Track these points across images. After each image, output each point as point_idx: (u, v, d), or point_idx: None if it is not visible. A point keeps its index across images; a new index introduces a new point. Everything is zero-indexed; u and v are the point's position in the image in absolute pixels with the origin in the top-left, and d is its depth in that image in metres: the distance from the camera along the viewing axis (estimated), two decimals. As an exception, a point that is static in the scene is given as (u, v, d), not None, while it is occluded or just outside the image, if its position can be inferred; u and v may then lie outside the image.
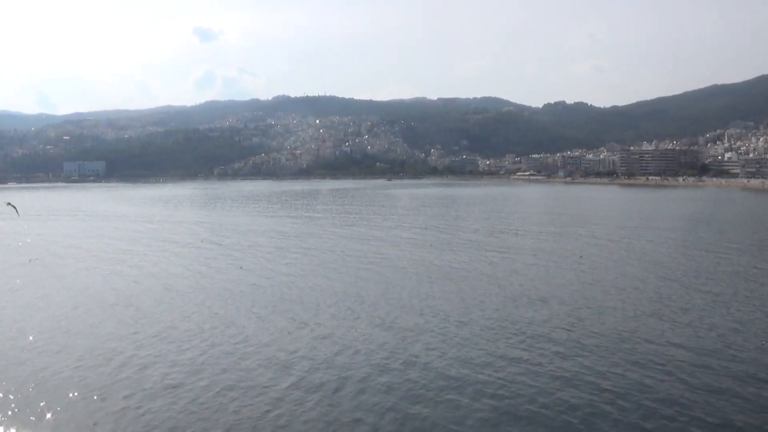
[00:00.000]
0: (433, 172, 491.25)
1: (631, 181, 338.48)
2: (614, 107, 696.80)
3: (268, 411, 26.80)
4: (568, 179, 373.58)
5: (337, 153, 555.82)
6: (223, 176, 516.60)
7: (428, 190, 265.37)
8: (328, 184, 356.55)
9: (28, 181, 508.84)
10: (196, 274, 59.82)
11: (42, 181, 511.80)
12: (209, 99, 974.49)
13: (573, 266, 61.77)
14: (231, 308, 45.09)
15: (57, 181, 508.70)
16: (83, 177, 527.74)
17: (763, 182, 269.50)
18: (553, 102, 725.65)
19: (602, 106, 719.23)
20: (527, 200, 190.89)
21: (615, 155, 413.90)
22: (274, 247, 78.20)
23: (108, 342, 36.74)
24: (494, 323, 39.50)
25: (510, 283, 53.21)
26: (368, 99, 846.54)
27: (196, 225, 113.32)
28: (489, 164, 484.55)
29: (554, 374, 30.40)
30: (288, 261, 67.37)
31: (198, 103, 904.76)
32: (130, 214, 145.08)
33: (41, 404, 27.92)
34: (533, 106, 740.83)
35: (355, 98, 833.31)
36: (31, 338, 37.66)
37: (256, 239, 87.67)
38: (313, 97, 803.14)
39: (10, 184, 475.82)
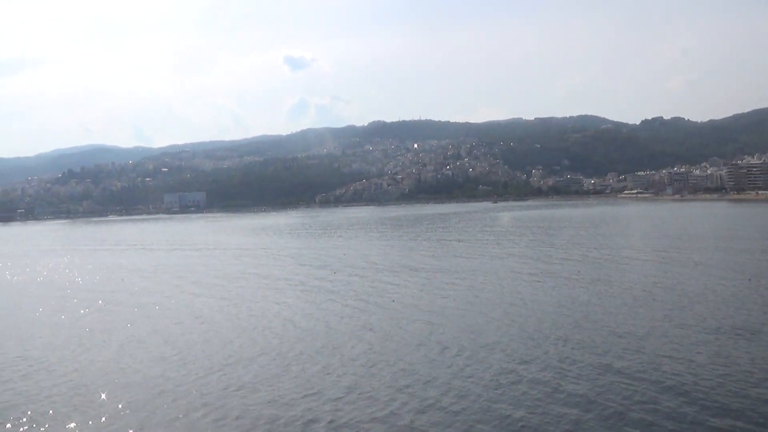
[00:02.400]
0: (538, 193, 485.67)
1: (741, 197, 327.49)
2: (711, 121, 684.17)
3: None
4: (677, 196, 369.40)
5: (439, 176, 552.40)
6: (325, 203, 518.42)
7: (544, 212, 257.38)
8: (434, 209, 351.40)
9: (128, 214, 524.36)
10: (355, 310, 56.90)
11: (142, 213, 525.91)
12: (304, 127, 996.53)
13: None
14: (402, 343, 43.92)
15: (158, 213, 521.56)
16: (184, 208, 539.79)
17: None
18: (650, 118, 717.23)
19: (699, 121, 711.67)
20: (651, 220, 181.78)
21: (722, 170, 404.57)
22: (426, 282, 70.76)
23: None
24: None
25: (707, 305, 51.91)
26: (464, 121, 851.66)
27: (324, 255, 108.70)
28: (594, 183, 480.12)
29: None
30: (459, 295, 61.57)
31: (293, 132, 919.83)
32: (249, 245, 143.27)
33: None
34: (630, 122, 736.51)
35: (450, 121, 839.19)
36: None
37: (400, 275, 78.97)
38: (409, 121, 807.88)
39: (110, 217, 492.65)
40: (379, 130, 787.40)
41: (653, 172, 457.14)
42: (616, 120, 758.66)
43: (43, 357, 44.10)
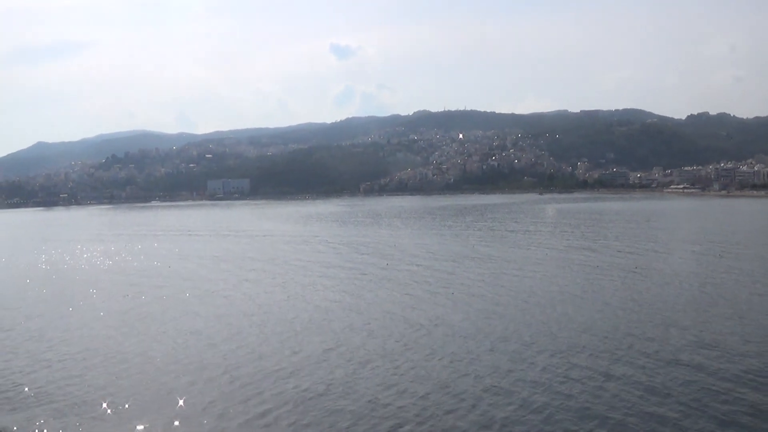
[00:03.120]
0: (583, 185, 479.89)
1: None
2: (757, 118, 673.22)
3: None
4: (724, 192, 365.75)
5: (484, 167, 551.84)
6: (370, 192, 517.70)
7: (592, 204, 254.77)
8: (479, 199, 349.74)
9: (171, 200, 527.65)
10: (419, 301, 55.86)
11: (186, 200, 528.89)
12: (349, 115, 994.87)
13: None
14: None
15: (201, 200, 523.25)
16: (228, 194, 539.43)
17: None
18: (696, 113, 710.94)
19: (745, 117, 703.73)
20: (702, 215, 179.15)
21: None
22: (486, 273, 69.80)
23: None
24: None
25: None
26: (509, 112, 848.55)
27: (377, 244, 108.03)
28: (640, 177, 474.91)
29: None
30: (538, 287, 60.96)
31: (338, 120, 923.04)
32: (300, 233, 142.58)
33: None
34: (675, 117, 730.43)
35: (496, 111, 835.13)
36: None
37: (457, 264, 78.87)
38: (454, 111, 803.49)
39: (153, 203, 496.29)
40: (424, 120, 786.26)
41: (700, 167, 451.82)
42: (661, 114, 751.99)
43: (111, 347, 43.09)
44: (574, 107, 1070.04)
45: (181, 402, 32.03)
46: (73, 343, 44.82)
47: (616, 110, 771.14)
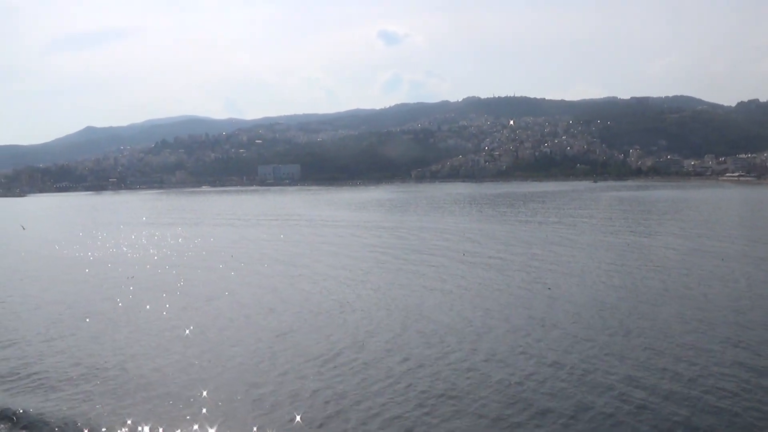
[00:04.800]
0: (637, 173, 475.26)
1: None
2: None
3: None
4: None
5: (537, 154, 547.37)
6: (421, 179, 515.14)
7: (652, 193, 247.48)
8: (534, 187, 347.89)
9: (221, 185, 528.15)
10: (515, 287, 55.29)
11: (236, 185, 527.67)
12: (397, 102, 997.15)
13: None
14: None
15: (251, 185, 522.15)
16: (278, 180, 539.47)
17: None
18: (746, 100, 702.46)
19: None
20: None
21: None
22: (582, 267, 65.50)
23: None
24: None
25: None
26: (559, 99, 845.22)
27: (447, 233, 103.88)
28: (694, 165, 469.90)
29: None
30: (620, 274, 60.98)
31: (387, 107, 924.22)
32: (362, 220, 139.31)
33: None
34: (725, 104, 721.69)
35: (546, 98, 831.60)
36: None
37: (529, 250, 79.47)
38: (504, 97, 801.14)
39: (203, 188, 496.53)
40: (474, 106, 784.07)
41: (753, 155, 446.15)
42: (711, 101, 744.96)
43: (195, 341, 41.03)
44: (624, 94, 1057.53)
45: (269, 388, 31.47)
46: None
47: (666, 97, 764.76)
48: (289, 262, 74.26)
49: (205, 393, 30.84)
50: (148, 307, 51.51)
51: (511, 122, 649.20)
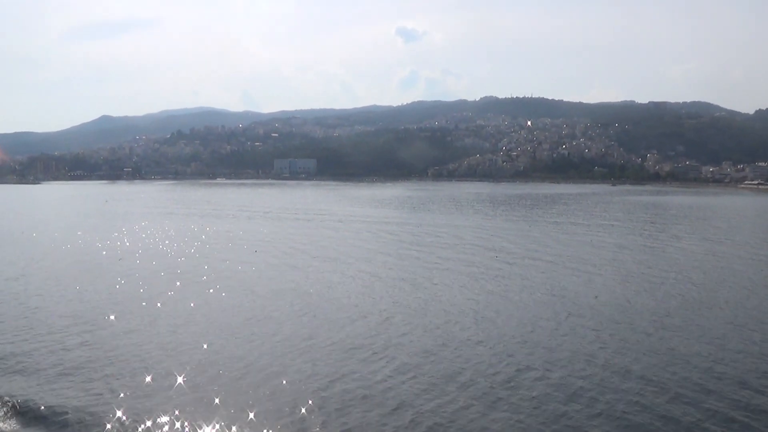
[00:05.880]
0: (655, 178, 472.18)
1: None
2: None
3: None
4: None
5: (554, 156, 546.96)
6: (438, 177, 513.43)
7: (673, 198, 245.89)
8: (552, 188, 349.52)
9: (237, 177, 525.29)
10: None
11: (251, 178, 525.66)
12: (413, 99, 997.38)
13: None
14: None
15: (267, 178, 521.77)
16: (294, 174, 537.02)
17: None
18: (765, 108, 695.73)
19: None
20: None
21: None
22: (623, 273, 63.16)
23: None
24: None
25: None
26: (577, 101, 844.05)
27: (476, 234, 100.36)
28: (712, 171, 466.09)
29: None
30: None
31: (404, 104, 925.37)
32: (383, 218, 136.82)
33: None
34: (743, 111, 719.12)
35: (564, 100, 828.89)
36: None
37: (566, 251, 78.96)
38: (522, 98, 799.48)
39: (219, 180, 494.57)
40: (491, 106, 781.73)
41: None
42: (729, 108, 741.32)
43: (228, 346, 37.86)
44: (642, 98, 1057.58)
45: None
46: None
47: (684, 102, 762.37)
48: (339, 259, 72.38)
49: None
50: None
51: (529, 123, 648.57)
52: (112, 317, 43.73)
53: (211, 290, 53.79)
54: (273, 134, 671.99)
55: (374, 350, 36.78)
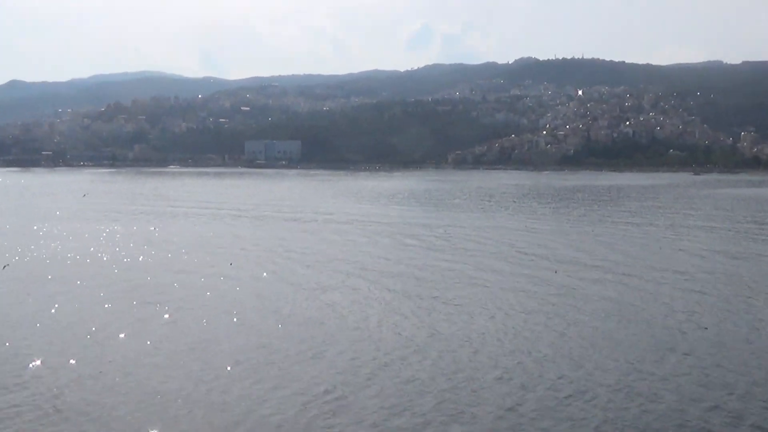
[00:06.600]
0: (752, 163, 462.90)
1: None
2: None
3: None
4: None
5: (615, 136, 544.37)
6: (461, 164, 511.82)
7: None
8: (615, 179, 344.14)
9: (196, 164, 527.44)
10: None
11: (216, 165, 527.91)
12: (427, 63, 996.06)
13: None
14: None
15: (236, 165, 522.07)
16: (271, 161, 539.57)
17: None
18: None
19: None
20: None
21: None
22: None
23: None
24: None
25: None
26: (644, 63, 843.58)
27: (531, 242, 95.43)
28: None
29: None
30: None
31: (414, 68, 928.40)
32: (406, 220, 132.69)
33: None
34: None
35: (626, 62, 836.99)
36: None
37: (655, 263, 76.45)
38: (570, 60, 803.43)
39: (172, 168, 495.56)
40: (530, 71, 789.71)
41: None
42: None
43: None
44: (732, 57, 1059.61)
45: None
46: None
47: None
48: (352, 276, 69.29)
49: None
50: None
51: (580, 93, 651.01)
52: None
53: (169, 320, 51.20)
54: (243, 108, 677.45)
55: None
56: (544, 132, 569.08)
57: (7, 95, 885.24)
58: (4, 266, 70.00)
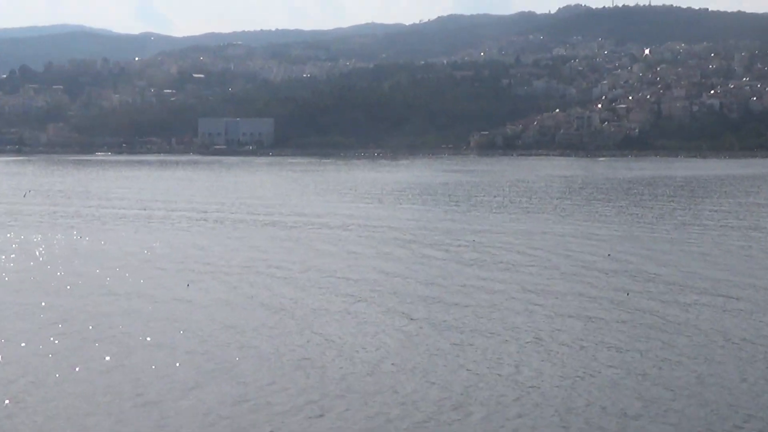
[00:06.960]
0: None
1: None
2: None
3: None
4: None
5: (696, 110, 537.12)
6: (488, 148, 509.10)
7: None
8: (698, 167, 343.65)
9: (132, 151, 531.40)
10: None
11: (158, 152, 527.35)
12: (441, 14, 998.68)
13: None
14: None
15: (187, 152, 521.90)
16: (234, 146, 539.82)
17: None
18: None
19: None
20: None
21: None
22: None
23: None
24: None
25: None
26: (734, 10, 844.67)
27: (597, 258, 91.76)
28: None
29: None
30: None
31: (423, 21, 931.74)
32: (433, 226, 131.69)
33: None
34: None
35: (709, 9, 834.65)
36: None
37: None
38: (633, 7, 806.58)
39: (99, 155, 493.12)
40: (579, 22, 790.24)
41: None
42: None
43: None
44: None
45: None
46: None
47: None
48: (360, 300, 68.66)
49: None
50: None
51: (647, 52, 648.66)
52: None
53: (110, 365, 49.60)
54: (195, 75, 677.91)
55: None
56: (599, 105, 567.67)
57: None
58: None
